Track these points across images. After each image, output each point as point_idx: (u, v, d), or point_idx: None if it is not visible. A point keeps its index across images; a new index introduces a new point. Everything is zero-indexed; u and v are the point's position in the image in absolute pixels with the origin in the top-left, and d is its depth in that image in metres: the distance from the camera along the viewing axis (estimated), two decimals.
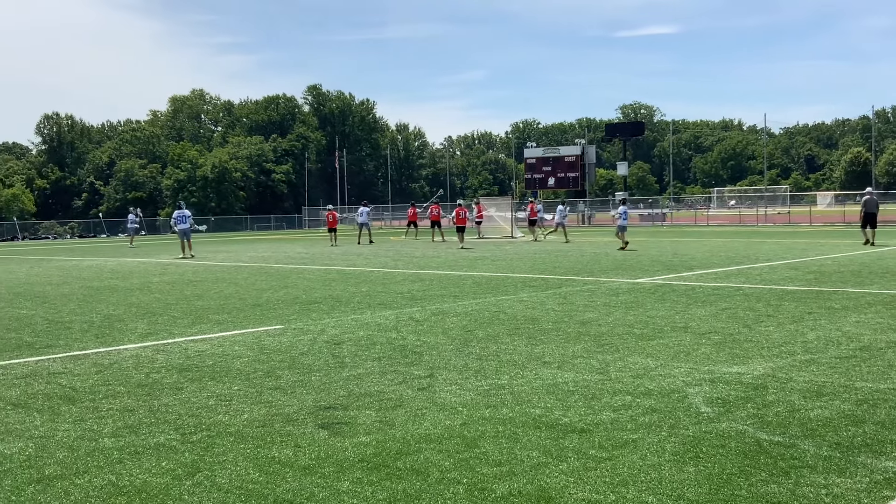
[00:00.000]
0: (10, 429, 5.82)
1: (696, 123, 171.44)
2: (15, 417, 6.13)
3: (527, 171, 72.91)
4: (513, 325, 10.14)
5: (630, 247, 27.13)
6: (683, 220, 64.95)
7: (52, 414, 6.22)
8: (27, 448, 5.34)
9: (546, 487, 4.43)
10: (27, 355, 8.79)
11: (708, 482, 4.46)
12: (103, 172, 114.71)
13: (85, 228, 76.76)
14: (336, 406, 6.26)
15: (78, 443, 5.43)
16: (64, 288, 16.84)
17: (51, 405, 6.51)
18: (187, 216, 29.21)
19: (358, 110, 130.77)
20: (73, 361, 8.40)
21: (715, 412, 5.87)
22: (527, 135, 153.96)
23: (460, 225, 33.90)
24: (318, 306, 12.58)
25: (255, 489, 4.50)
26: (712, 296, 12.83)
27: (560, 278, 16.57)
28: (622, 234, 27.53)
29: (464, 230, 33.69)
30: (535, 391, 6.60)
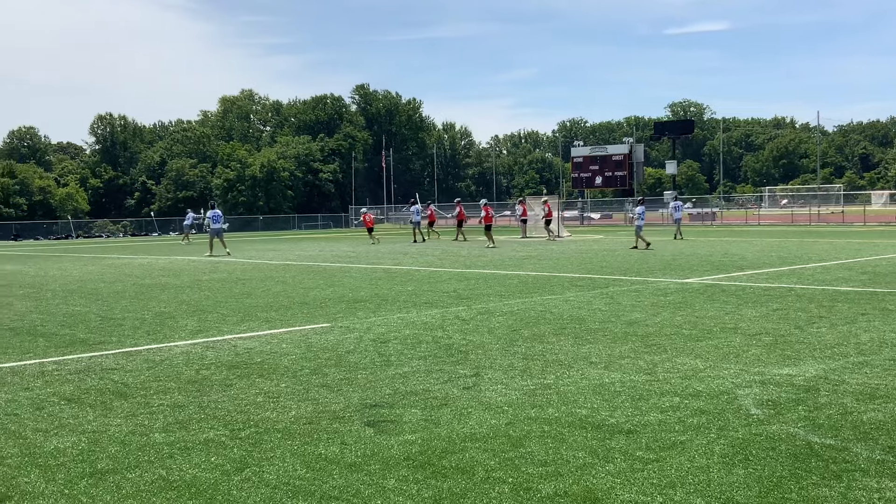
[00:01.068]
0: (64, 423, 5.94)
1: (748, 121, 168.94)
2: (69, 412, 6.26)
3: (574, 170, 72.55)
4: (559, 325, 10.10)
5: (664, 248, 26.84)
6: (734, 220, 64.10)
7: (104, 409, 6.34)
8: (80, 442, 5.45)
9: (592, 488, 4.40)
10: (81, 351, 8.97)
11: (757, 485, 4.40)
12: (155, 172, 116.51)
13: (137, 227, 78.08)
14: (382, 404, 6.29)
15: (129, 438, 5.53)
16: (117, 285, 17.15)
17: (103, 400, 6.63)
18: (219, 216, 30.08)
19: (405, 109, 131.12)
20: (125, 357, 8.55)
21: (765, 414, 5.78)
22: (574, 133, 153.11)
23: (488, 223, 33.74)
24: (365, 305, 12.64)
25: (302, 485, 4.54)
26: (763, 296, 12.65)
27: (607, 278, 16.46)
28: (640, 235, 27.43)
29: (490, 228, 33.48)
30: (582, 391, 6.57)
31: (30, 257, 31.47)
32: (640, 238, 27.27)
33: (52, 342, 9.63)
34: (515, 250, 28.08)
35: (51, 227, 76.46)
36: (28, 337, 10.06)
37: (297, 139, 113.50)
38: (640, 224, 27.99)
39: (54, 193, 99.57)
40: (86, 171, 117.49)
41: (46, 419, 6.07)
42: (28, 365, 8.23)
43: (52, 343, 9.56)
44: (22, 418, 6.10)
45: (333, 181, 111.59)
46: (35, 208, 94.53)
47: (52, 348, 9.19)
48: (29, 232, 70.74)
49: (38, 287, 17.09)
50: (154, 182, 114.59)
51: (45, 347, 9.27)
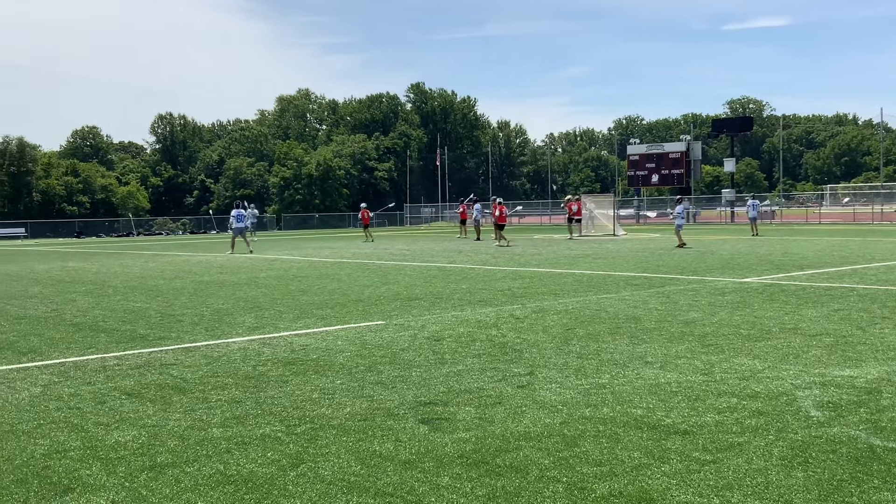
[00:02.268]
0: (125, 417, 6.07)
1: (808, 118, 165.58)
2: (129, 406, 6.39)
3: (629, 169, 71.88)
4: (614, 324, 10.01)
5: (723, 248, 26.44)
6: (794, 218, 62.89)
7: (163, 404, 6.46)
8: (140, 436, 5.56)
9: (647, 489, 4.36)
10: (141, 347, 9.15)
11: (817, 488, 4.31)
12: (213, 170, 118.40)
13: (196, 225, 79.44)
14: (436, 402, 6.31)
15: (188, 432, 5.62)
16: (176, 282, 17.46)
17: (163, 395, 6.76)
18: (243, 216, 30.48)
19: (460, 108, 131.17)
20: (184, 353, 8.70)
21: (825, 416, 5.67)
22: (630, 131, 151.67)
23: (500, 223, 33.28)
24: (419, 302, 12.68)
25: (357, 482, 4.58)
26: (824, 296, 12.39)
27: (663, 277, 16.27)
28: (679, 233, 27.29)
29: (503, 227, 33.11)
30: (637, 391, 6.51)
31: (92, 254, 32.21)
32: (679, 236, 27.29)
33: (113, 338, 9.84)
34: (570, 249, 27.93)
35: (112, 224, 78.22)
36: (90, 332, 10.30)
37: (352, 138, 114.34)
38: (680, 223, 28.01)
39: (116, 192, 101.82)
40: (146, 169, 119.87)
41: (108, 413, 6.20)
42: (90, 360, 8.42)
43: (114, 338, 9.77)
44: (84, 412, 6.25)
45: (388, 179, 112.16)
46: (97, 206, 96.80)
47: (114, 344, 9.40)
48: (91, 229, 72.44)
49: (99, 283, 17.48)
50: (212, 180, 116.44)
51: (107, 343, 9.47)
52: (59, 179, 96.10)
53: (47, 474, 4.81)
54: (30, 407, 6.43)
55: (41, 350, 9.05)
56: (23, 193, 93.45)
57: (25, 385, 7.24)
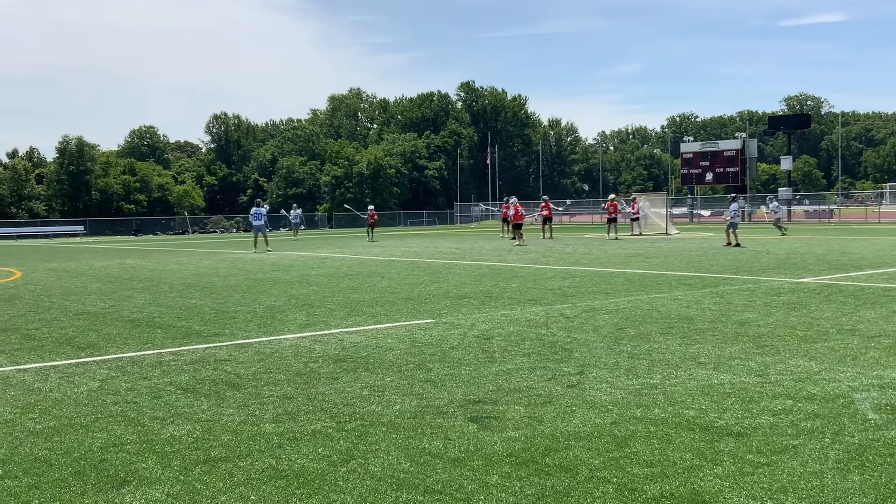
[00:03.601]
0: (180, 412, 6.17)
1: (868, 115, 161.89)
2: (184, 401, 6.50)
3: (683, 167, 71.02)
4: (666, 324, 9.91)
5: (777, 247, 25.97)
6: (852, 217, 61.60)
7: (217, 399, 6.56)
8: (195, 430, 5.65)
9: (700, 491, 4.31)
10: (196, 342, 9.29)
11: (874, 492, 4.22)
12: (266, 169, 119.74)
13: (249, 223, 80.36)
14: (485, 400, 6.31)
15: (241, 427, 5.70)
16: (230, 279, 17.70)
17: (217, 390, 6.86)
18: (261, 214, 30.55)
19: (510, 106, 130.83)
20: (237, 349, 8.82)
21: (883, 419, 5.54)
22: (683, 129, 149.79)
23: (517, 222, 33.08)
24: (469, 301, 12.69)
25: (406, 479, 4.60)
26: (883, 297, 12.12)
27: (717, 277, 16.06)
28: (734, 232, 26.71)
29: (520, 227, 32.89)
30: (689, 392, 6.43)
31: (149, 252, 32.80)
32: (734, 235, 26.76)
33: (168, 334, 10.01)
34: (623, 248, 27.70)
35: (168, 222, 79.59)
36: (147, 328, 10.49)
37: (403, 136, 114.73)
38: (735, 222, 27.45)
39: (172, 190, 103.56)
40: (201, 168, 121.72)
41: (163, 407, 6.31)
42: (147, 355, 8.58)
43: (169, 334, 9.94)
44: (140, 406, 6.37)
45: (439, 178, 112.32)
46: (154, 205, 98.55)
47: (169, 339, 9.56)
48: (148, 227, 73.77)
49: (156, 280, 17.79)
50: (266, 179, 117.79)
51: (163, 338, 9.64)
52: (116, 178, 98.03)
53: (104, 467, 4.91)
54: (87, 401, 6.57)
55: (99, 345, 9.25)
56: (82, 192, 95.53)
57: (84, 380, 7.41)
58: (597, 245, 29.91)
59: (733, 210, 28.04)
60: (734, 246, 25.92)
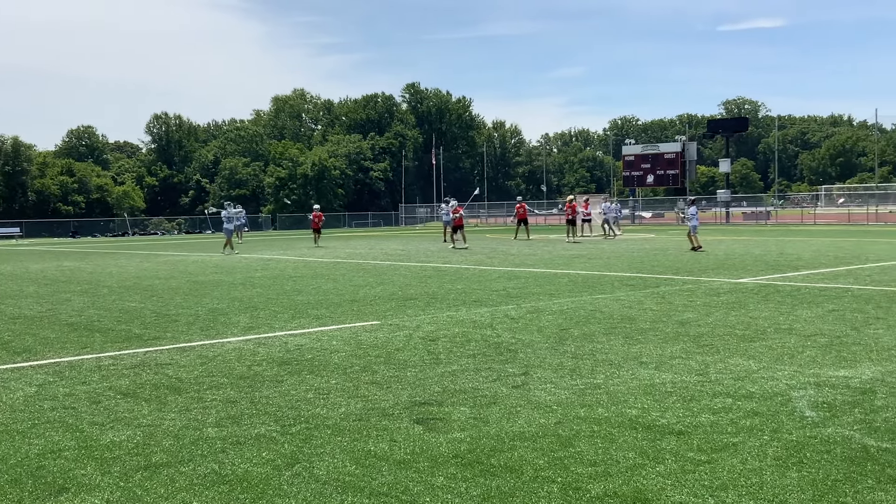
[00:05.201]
0: (120, 417, 6.06)
1: (804, 119, 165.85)
2: (124, 406, 6.39)
3: (625, 169, 71.92)
4: (609, 324, 10.03)
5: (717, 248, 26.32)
6: (789, 219, 63.00)
7: (159, 403, 6.45)
8: (135, 436, 5.55)
9: (642, 489, 4.37)
10: (136, 346, 9.14)
11: (812, 488, 4.32)
12: (209, 170, 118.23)
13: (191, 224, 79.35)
14: (431, 402, 6.31)
15: (183, 432, 5.62)
16: (171, 282, 17.44)
17: (158, 395, 6.75)
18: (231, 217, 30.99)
19: (455, 108, 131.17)
20: (179, 353, 8.69)
21: (820, 417, 5.68)
22: (625, 131, 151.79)
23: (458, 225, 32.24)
24: (414, 303, 12.69)
25: (352, 481, 4.58)
26: (819, 297, 12.42)
27: (658, 277, 16.29)
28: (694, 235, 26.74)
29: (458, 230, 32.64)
30: (632, 391, 6.52)
31: (87, 254, 32.16)
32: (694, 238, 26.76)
33: (108, 337, 9.83)
34: (565, 249, 27.95)
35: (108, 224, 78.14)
36: (85, 332, 10.28)
37: (348, 138, 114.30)
38: (695, 224, 27.37)
39: (111, 191, 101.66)
40: (142, 169, 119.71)
41: (103, 413, 6.19)
42: (85, 359, 8.41)
43: (109, 338, 9.76)
44: (79, 412, 6.24)
45: (384, 179, 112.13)
46: (93, 206, 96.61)
47: (109, 343, 9.38)
48: (87, 229, 72.33)
49: (95, 283, 17.45)
50: (208, 180, 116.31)
51: (102, 342, 9.46)
52: (54, 179, 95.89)
53: (42, 474, 4.80)
54: (24, 407, 6.42)
55: (36, 350, 9.04)
56: (18, 193, 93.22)
57: (20, 385, 7.23)
58: (541, 246, 30.13)
59: (692, 212, 27.94)
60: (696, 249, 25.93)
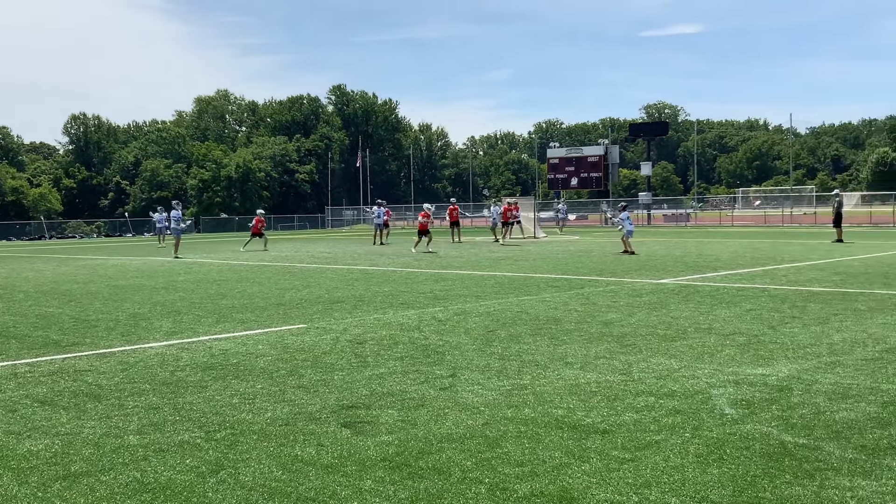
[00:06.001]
0: (37, 426, 5.88)
1: (721, 123, 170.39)
2: (42, 414, 6.20)
3: (550, 172, 72.79)
4: (535, 326, 10.13)
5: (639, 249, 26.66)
6: (708, 221, 64.54)
7: (78, 411, 6.29)
8: (53, 445, 5.40)
9: (568, 488, 4.42)
10: (54, 353, 8.88)
11: (732, 484, 4.43)
12: (129, 172, 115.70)
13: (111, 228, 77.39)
14: (358, 405, 6.29)
15: (103, 440, 5.49)
16: (90, 286, 17.00)
17: (77, 402, 6.58)
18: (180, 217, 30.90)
19: (381, 110, 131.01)
20: (99, 359, 8.48)
21: (739, 414, 5.83)
22: (550, 135, 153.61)
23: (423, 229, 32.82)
24: (341, 306, 12.62)
25: (279, 487, 4.53)
26: (737, 297, 12.75)
27: (583, 279, 16.52)
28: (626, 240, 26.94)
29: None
30: (558, 392, 6.59)
31: (2, 258, 31.12)
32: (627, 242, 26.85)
33: (24, 344, 9.53)
34: (492, 251, 28.13)
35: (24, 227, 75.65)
36: (0, 339, 9.95)
37: (273, 139, 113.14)
38: (630, 229, 27.34)
39: (27, 194, 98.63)
40: (59, 171, 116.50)
41: (19, 421, 6.00)
42: (0, 367, 8.14)
43: (25, 345, 9.46)
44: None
45: (310, 182, 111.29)
46: (7, 209, 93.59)
47: (25, 350, 9.10)
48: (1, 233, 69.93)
49: (10, 288, 16.90)
50: (128, 182, 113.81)
51: (18, 349, 9.17)
52: None
53: None
54: None
55: None
56: None
57: None
58: (467, 248, 30.28)
59: (624, 218, 28.02)
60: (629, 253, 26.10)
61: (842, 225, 31.02)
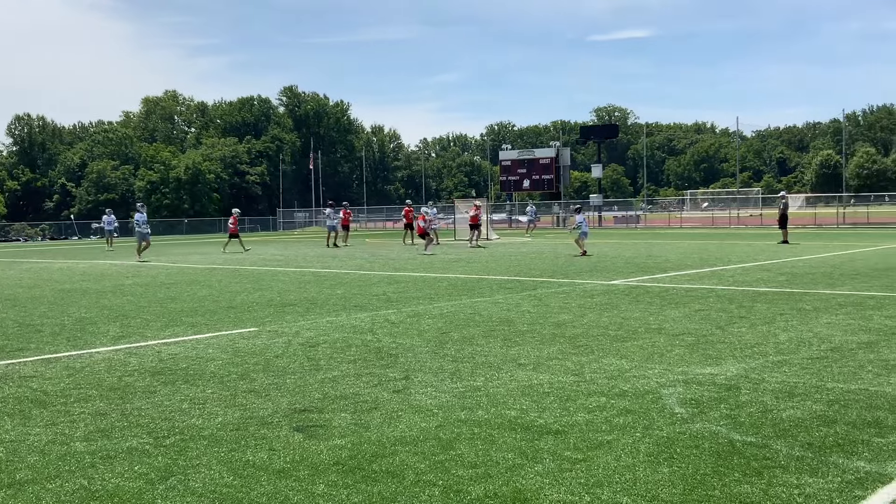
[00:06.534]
0: None
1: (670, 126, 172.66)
2: None
3: (502, 174, 73.10)
4: (488, 327, 10.15)
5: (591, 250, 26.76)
6: (657, 223, 65.34)
7: (23, 418, 6.15)
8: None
9: (521, 489, 4.44)
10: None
11: (682, 482, 4.49)
12: (75, 174, 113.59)
13: (56, 230, 75.91)
14: (311, 409, 6.24)
15: (49, 447, 5.37)
16: (35, 291, 16.66)
17: (22, 409, 6.43)
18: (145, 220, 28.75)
19: (333, 112, 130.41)
20: (44, 365, 8.31)
21: (689, 413, 5.90)
22: (502, 137, 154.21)
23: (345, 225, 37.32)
24: (294, 308, 12.53)
25: (229, 493, 4.48)
26: (686, 297, 12.92)
27: (535, 280, 16.61)
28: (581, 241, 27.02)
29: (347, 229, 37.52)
30: (511, 393, 6.61)
31: None
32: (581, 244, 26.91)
33: None
34: (445, 253, 28.15)
35: None
36: None
37: (223, 141, 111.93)
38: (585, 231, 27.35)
39: None
40: (2, 172, 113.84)
41: None
42: None
43: None
44: None
45: (261, 183, 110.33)
46: None
47: None
48: None
49: None
50: (74, 184, 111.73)
51: None
52: None
53: None
54: None
55: None
56: None
57: None
58: (420, 250, 30.26)
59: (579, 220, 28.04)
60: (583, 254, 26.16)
61: (787, 226, 31.58)
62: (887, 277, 15.56)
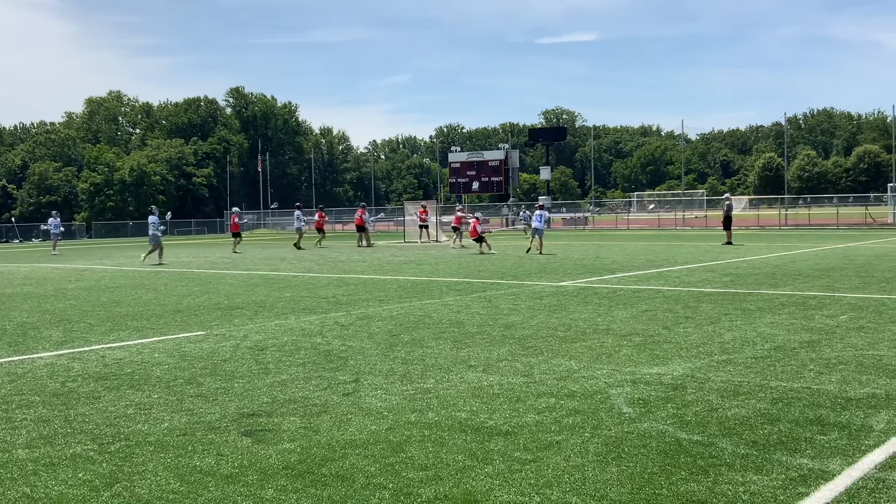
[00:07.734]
0: None
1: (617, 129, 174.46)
2: None
3: (451, 176, 73.17)
4: (438, 329, 10.16)
5: (546, 251, 27.02)
6: (605, 224, 65.98)
7: None
8: None
9: (472, 490, 4.44)
10: None
11: (630, 482, 4.53)
12: (16, 175, 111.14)
13: None
14: (260, 413, 6.18)
15: None
16: None
17: None
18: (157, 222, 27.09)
19: (281, 113, 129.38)
20: None
21: (636, 413, 5.97)
22: (451, 139, 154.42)
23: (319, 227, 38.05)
24: (241, 312, 12.40)
25: (176, 499, 4.41)
26: (633, 298, 13.07)
27: (485, 282, 16.66)
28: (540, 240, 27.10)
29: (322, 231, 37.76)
30: (461, 395, 6.62)
31: None
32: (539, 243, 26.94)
33: None
34: (394, 255, 28.11)
35: None
36: None
37: (169, 142, 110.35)
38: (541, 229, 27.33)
39: None
40: None
41: None
42: None
43: None
44: None
45: (208, 186, 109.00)
46: None
47: None
48: None
49: None
50: (15, 186, 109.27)
51: None
52: None
53: None
54: None
55: None
56: None
57: None
58: (370, 253, 30.18)
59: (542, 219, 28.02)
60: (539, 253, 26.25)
61: (731, 228, 32.11)
62: (828, 277, 15.92)
